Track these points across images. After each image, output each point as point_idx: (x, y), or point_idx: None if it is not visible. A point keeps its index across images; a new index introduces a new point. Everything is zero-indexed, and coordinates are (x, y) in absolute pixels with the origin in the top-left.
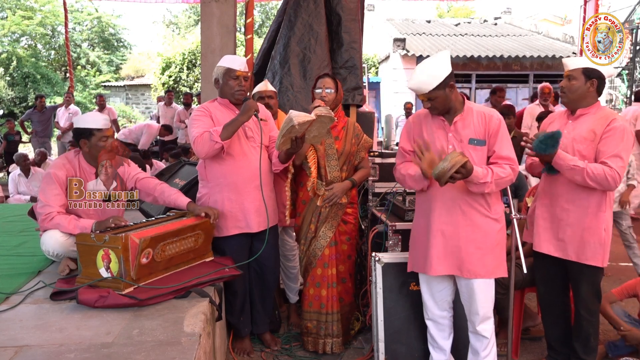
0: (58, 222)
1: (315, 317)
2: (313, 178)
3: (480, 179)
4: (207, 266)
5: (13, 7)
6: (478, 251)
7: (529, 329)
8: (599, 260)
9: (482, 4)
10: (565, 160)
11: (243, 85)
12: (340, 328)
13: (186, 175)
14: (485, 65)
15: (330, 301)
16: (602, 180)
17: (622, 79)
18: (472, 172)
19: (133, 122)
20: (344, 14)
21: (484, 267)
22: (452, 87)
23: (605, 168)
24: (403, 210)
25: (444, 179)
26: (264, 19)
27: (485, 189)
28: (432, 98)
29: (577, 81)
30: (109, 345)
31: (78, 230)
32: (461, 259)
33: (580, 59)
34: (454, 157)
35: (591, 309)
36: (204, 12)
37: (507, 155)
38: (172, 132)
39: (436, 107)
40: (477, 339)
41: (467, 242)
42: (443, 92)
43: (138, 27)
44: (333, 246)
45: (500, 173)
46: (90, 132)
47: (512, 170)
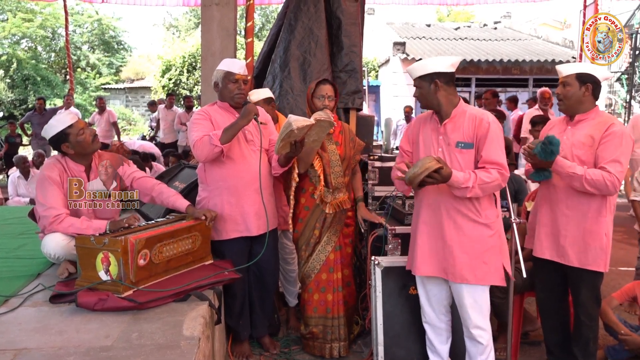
0: (71, 224)
1: (321, 322)
2: (322, 186)
3: (461, 183)
4: (207, 269)
5: (14, 10)
6: (464, 255)
7: (528, 334)
8: (600, 265)
9: (482, 8)
10: (564, 167)
11: (242, 89)
12: (346, 332)
13: (186, 178)
14: (485, 69)
15: (336, 305)
16: (601, 185)
17: (622, 84)
18: (449, 177)
19: (133, 125)
20: (344, 17)
21: (472, 272)
22: (437, 86)
23: (604, 173)
24: (403, 214)
25: (415, 182)
26: (264, 22)
27: (467, 194)
28: (417, 86)
29: (572, 87)
30: (108, 348)
31: (92, 231)
32: (446, 261)
33: (574, 64)
34: (426, 162)
35: (591, 314)
36: (205, 15)
37: (495, 159)
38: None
39: (419, 98)
40: (473, 344)
41: (451, 245)
42: (427, 85)
43: (138, 30)
44: (338, 250)
45: (485, 178)
46: (65, 133)
47: (499, 175)
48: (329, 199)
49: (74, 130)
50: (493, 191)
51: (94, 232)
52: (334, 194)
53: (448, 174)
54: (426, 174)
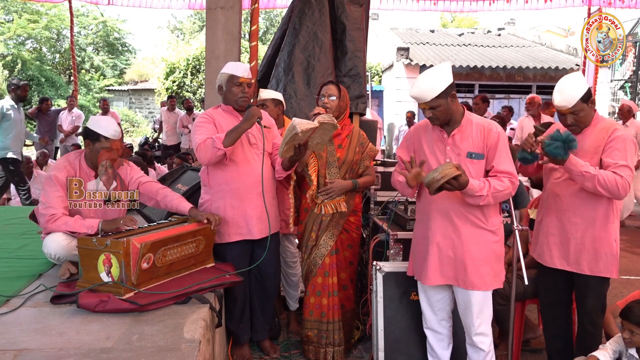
0: (64, 222)
1: (316, 326)
2: (314, 187)
3: (476, 192)
4: (208, 272)
5: (19, 11)
6: (474, 262)
7: (530, 341)
8: (612, 271)
9: (486, 14)
10: (577, 166)
11: (246, 92)
12: (341, 336)
13: (188, 180)
14: (488, 75)
15: (332, 310)
16: (613, 188)
17: (625, 92)
18: (465, 185)
19: (136, 127)
20: (348, 22)
21: (481, 278)
22: (453, 97)
23: (616, 177)
24: (405, 219)
25: (432, 188)
26: (269, 26)
27: (481, 202)
28: (434, 107)
29: (584, 111)
30: (108, 350)
31: (84, 229)
32: (456, 269)
33: (571, 88)
34: (445, 169)
35: (596, 322)
36: (209, 18)
37: (506, 169)
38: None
39: (437, 116)
40: (475, 351)
41: (462, 253)
42: (445, 101)
43: (143, 32)
44: (334, 255)
45: (498, 186)
46: (98, 136)
47: (510, 184)
48: (320, 200)
49: (107, 142)
50: (503, 199)
51: (86, 231)
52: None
53: (465, 181)
54: (445, 180)
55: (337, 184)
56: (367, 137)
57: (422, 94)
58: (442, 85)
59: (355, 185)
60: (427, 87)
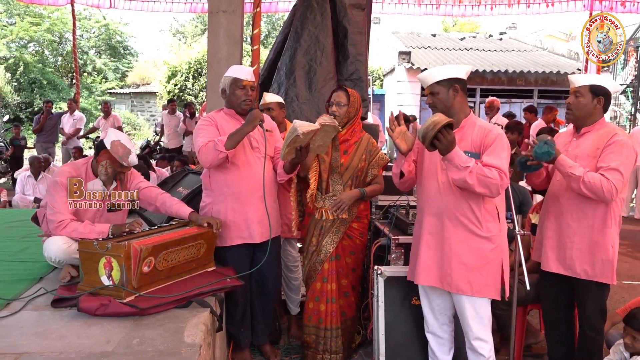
0: (74, 228)
1: (314, 332)
2: (311, 190)
3: (462, 162)
4: (209, 276)
5: (22, 14)
6: (462, 266)
7: (531, 346)
8: (608, 277)
9: (487, 19)
10: (565, 166)
11: (250, 95)
12: (340, 344)
13: (190, 184)
14: (489, 79)
15: (329, 317)
16: (598, 190)
17: (627, 96)
18: (454, 142)
19: (137, 130)
20: (350, 26)
21: (469, 284)
22: (456, 91)
23: (602, 179)
24: (406, 223)
25: (427, 138)
26: (270, 30)
27: (465, 177)
28: (434, 93)
29: (584, 98)
30: (108, 354)
31: (95, 234)
32: (444, 271)
33: (588, 75)
34: (436, 117)
35: (596, 327)
36: (212, 21)
37: (495, 163)
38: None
39: (435, 104)
40: (475, 356)
41: (450, 255)
42: (446, 90)
43: (145, 35)
44: (333, 261)
45: (486, 172)
46: (105, 149)
47: (499, 177)
48: (320, 204)
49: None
50: (490, 190)
51: (97, 236)
52: (329, 200)
53: (453, 138)
54: (437, 129)
55: (345, 195)
56: None
57: (427, 76)
58: (447, 74)
59: (363, 194)
60: (433, 72)
